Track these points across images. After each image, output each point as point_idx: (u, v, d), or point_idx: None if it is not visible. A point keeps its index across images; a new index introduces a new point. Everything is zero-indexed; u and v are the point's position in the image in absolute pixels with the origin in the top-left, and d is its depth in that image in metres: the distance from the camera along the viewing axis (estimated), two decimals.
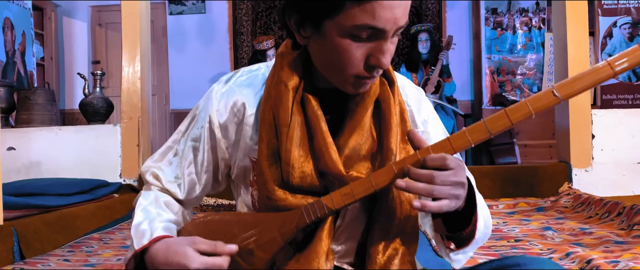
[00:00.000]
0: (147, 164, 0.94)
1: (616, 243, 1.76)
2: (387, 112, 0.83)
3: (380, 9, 0.70)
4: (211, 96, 0.88)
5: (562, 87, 0.69)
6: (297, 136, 0.80)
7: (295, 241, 0.79)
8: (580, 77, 0.69)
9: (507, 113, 0.71)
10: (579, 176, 2.80)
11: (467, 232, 0.77)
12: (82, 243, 2.06)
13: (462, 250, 0.81)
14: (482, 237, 0.83)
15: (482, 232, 0.80)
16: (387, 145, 0.81)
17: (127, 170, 2.96)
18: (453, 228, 0.80)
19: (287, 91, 0.80)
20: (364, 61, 0.75)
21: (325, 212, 0.76)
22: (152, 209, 0.86)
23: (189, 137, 0.90)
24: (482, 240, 0.85)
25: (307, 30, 0.76)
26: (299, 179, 0.79)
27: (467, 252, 0.83)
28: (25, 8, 4.50)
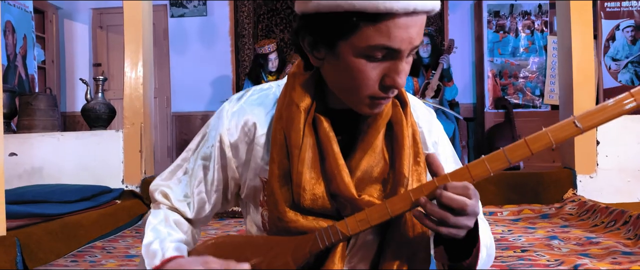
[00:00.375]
0: (156, 182, 0.93)
1: (624, 254, 1.75)
2: (399, 134, 0.81)
3: (395, 29, 0.69)
4: (222, 115, 0.87)
5: (584, 118, 0.68)
6: (308, 158, 0.78)
7: (307, 265, 0.78)
8: (602, 109, 0.68)
9: (527, 143, 0.70)
10: (583, 182, 2.78)
11: (467, 263, 0.76)
12: (85, 252, 2.05)
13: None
14: (484, 265, 0.82)
15: (484, 260, 0.80)
16: (400, 168, 0.79)
17: (130, 177, 2.94)
18: (454, 256, 0.78)
19: (299, 112, 0.79)
20: (379, 81, 0.73)
21: (339, 237, 0.75)
22: (162, 228, 0.84)
23: (199, 155, 0.89)
24: (485, 267, 0.84)
25: (321, 51, 0.75)
26: (310, 201, 0.78)
27: None
28: (27, 11, 4.49)
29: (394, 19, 0.68)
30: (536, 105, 5.01)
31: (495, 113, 4.98)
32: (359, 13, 0.68)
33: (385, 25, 0.68)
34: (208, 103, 5.52)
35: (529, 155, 0.69)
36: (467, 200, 0.68)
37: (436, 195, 0.69)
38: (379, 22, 0.68)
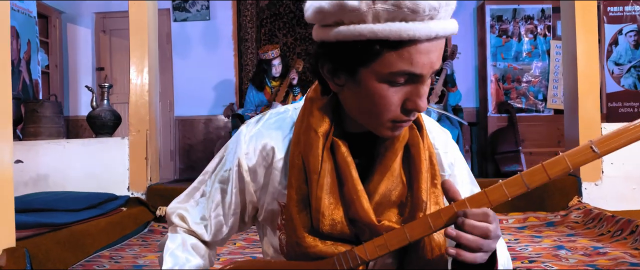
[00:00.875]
0: (173, 205, 0.93)
1: (632, 265, 1.75)
2: (417, 157, 0.82)
3: (417, 55, 0.69)
4: (240, 139, 0.87)
5: (601, 143, 0.69)
6: (327, 183, 0.79)
7: None
8: (620, 133, 0.69)
9: (545, 167, 0.70)
10: (588, 190, 2.79)
11: None
12: (93, 262, 2.05)
13: None
14: None
15: None
16: (417, 192, 0.80)
17: (135, 184, 2.95)
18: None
19: (317, 138, 0.80)
20: (400, 105, 0.74)
21: (358, 262, 0.75)
22: (180, 253, 0.85)
23: (216, 178, 0.89)
24: None
25: (341, 77, 0.75)
26: (329, 227, 0.78)
27: None
28: (31, 16, 4.50)
29: (416, 45, 0.69)
30: (539, 109, 5.01)
31: (498, 117, 4.98)
32: (382, 41, 0.68)
33: (407, 51, 0.69)
34: (211, 107, 5.52)
35: (547, 180, 0.70)
36: (490, 226, 0.69)
37: (458, 223, 0.70)
38: (401, 48, 0.69)
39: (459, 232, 0.70)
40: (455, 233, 0.70)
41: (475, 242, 0.69)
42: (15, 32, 4.20)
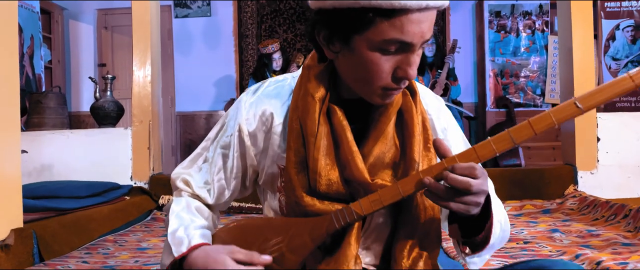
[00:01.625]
0: (177, 171, 0.98)
1: (624, 245, 1.80)
2: (409, 121, 0.86)
3: (408, 24, 0.73)
4: (240, 106, 0.92)
5: (585, 99, 0.73)
6: (323, 145, 0.83)
7: (324, 245, 0.83)
8: (601, 90, 0.73)
9: (531, 123, 0.74)
10: (584, 179, 2.83)
11: (480, 238, 0.81)
12: (98, 245, 2.10)
13: (477, 254, 0.84)
14: (499, 241, 0.86)
15: (497, 236, 0.83)
16: (410, 154, 0.84)
17: (138, 173, 2.99)
18: (468, 233, 0.83)
19: (314, 102, 0.84)
20: (391, 73, 0.78)
21: (354, 218, 0.79)
22: (185, 215, 0.89)
23: (218, 144, 0.94)
24: (499, 244, 0.88)
25: (336, 45, 0.79)
26: (325, 187, 0.83)
27: (482, 255, 0.86)
28: (34, 12, 4.54)
29: (407, 15, 0.73)
30: (537, 104, 5.06)
31: (496, 112, 5.03)
32: (375, 9, 0.72)
33: (399, 20, 0.73)
34: (212, 103, 5.57)
35: (532, 135, 0.74)
36: (472, 180, 0.73)
37: (443, 176, 0.74)
38: (393, 17, 0.73)
39: (432, 184, 0.74)
40: (428, 181, 0.74)
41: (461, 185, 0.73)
42: (19, 27, 4.25)
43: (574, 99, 0.73)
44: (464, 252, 0.84)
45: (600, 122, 2.85)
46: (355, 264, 0.80)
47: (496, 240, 0.82)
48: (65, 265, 1.76)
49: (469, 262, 0.85)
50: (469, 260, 0.85)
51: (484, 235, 0.79)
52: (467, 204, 0.74)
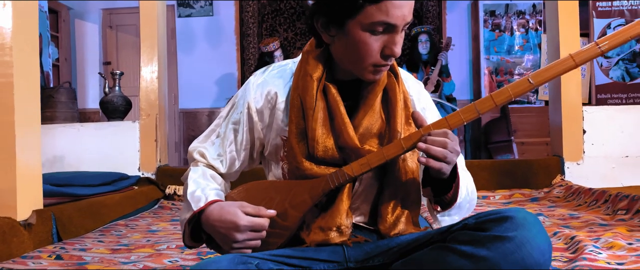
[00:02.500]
0: (194, 145, 1.12)
1: (600, 225, 1.94)
2: (393, 98, 1.00)
3: (392, 8, 0.88)
4: (248, 87, 1.06)
5: (535, 75, 0.87)
6: (320, 118, 0.97)
7: (321, 203, 0.97)
8: (548, 68, 0.87)
9: (492, 97, 0.89)
10: (571, 169, 2.97)
11: (449, 197, 0.95)
12: (111, 228, 2.24)
13: (446, 212, 0.98)
14: (466, 204, 1.00)
15: (463, 197, 0.97)
16: (394, 125, 0.99)
17: (145, 164, 3.14)
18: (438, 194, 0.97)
19: (312, 81, 0.98)
20: (380, 52, 0.92)
21: (346, 178, 0.94)
22: (201, 180, 1.03)
23: (229, 121, 1.08)
24: (466, 207, 1.01)
25: (332, 30, 0.94)
26: (322, 153, 0.97)
27: (451, 215, 0.99)
28: (43, 11, 4.69)
29: (391, 0, 0.87)
30: (531, 101, 5.20)
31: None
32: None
33: (384, 5, 0.87)
34: (214, 100, 5.71)
35: (494, 106, 0.88)
36: (448, 140, 0.87)
37: (424, 140, 0.88)
38: (379, 2, 0.87)
39: (426, 144, 0.88)
40: (424, 145, 0.88)
41: (438, 152, 0.87)
42: None
43: (528, 76, 0.87)
44: (436, 210, 0.98)
45: (586, 116, 2.99)
46: (346, 217, 0.94)
47: (463, 201, 0.96)
48: (83, 244, 1.90)
49: (440, 220, 0.99)
50: (440, 218, 0.99)
51: (452, 194, 0.93)
52: (447, 161, 0.88)
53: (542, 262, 0.75)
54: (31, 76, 1.92)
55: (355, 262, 0.94)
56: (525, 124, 5.12)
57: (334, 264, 0.93)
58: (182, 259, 1.61)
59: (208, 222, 0.95)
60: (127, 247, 1.83)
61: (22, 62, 1.85)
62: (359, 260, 0.94)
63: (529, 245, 0.74)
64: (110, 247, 1.85)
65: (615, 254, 1.46)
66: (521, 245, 0.74)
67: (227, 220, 0.92)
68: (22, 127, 1.84)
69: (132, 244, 1.88)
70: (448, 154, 0.87)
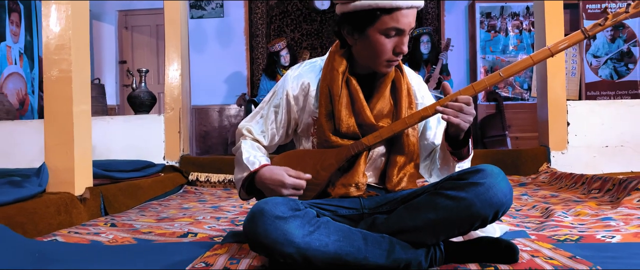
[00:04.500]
0: (242, 123, 1.43)
1: (575, 201, 2.24)
2: (399, 87, 1.31)
3: (401, 17, 1.18)
4: (287, 79, 1.37)
5: (505, 70, 1.18)
6: (344, 102, 1.28)
7: (343, 167, 1.28)
8: (518, 63, 1.18)
9: (473, 86, 1.19)
10: (556, 158, 3.28)
11: (465, 151, 1.25)
12: (147, 206, 2.55)
13: (463, 161, 1.28)
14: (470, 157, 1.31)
15: (472, 154, 1.28)
16: (399, 108, 1.29)
17: (170, 154, 3.44)
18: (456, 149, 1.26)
19: (338, 74, 1.29)
20: (392, 50, 1.22)
21: (363, 147, 1.25)
22: (251, 150, 1.34)
23: (271, 104, 1.39)
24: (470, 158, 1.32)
25: (355, 35, 1.24)
26: (345, 129, 1.27)
27: (466, 162, 1.29)
28: None
29: (400, 11, 1.17)
30: (524, 98, 5.50)
31: (487, 105, 5.47)
32: (381, 9, 1.17)
33: (395, 15, 1.17)
34: (224, 97, 6.01)
35: (473, 93, 1.18)
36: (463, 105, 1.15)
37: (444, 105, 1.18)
38: (392, 13, 1.17)
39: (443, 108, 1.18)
40: (441, 108, 1.18)
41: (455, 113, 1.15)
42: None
43: (499, 71, 1.18)
44: (455, 161, 1.28)
45: (570, 109, 3.29)
46: (363, 177, 1.25)
47: (472, 156, 1.27)
48: (128, 217, 2.21)
49: (459, 166, 1.28)
50: (459, 165, 1.28)
51: (466, 149, 1.24)
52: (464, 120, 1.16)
53: (505, 201, 1.06)
54: (84, 72, 2.22)
55: (368, 209, 1.25)
56: (519, 120, 5.42)
57: (353, 210, 1.24)
58: (218, 225, 1.91)
59: (260, 180, 1.25)
60: (169, 218, 2.13)
61: (77, 60, 2.16)
62: (371, 208, 1.25)
63: (495, 188, 1.05)
64: (153, 218, 2.16)
65: (580, 218, 1.77)
66: (489, 188, 1.04)
67: (276, 179, 1.23)
68: (77, 115, 2.15)
69: (171, 217, 2.19)
70: (462, 115, 1.16)
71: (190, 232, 1.74)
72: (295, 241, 1.00)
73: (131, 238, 1.68)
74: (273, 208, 1.02)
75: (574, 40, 1.18)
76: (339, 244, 1.04)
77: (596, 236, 1.44)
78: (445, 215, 1.06)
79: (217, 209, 2.41)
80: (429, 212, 1.08)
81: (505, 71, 1.20)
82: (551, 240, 1.40)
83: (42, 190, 2.02)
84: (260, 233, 1.00)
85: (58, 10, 2.10)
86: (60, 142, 2.10)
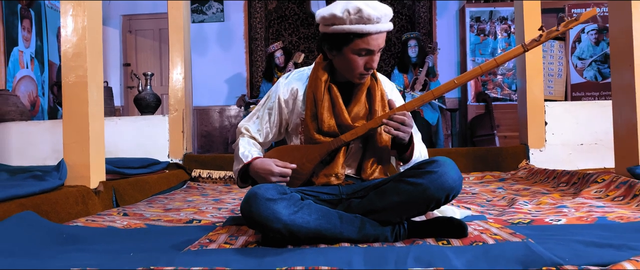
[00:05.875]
0: (241, 123, 1.66)
1: (542, 193, 2.47)
2: (373, 94, 1.55)
3: (371, 41, 1.41)
4: (279, 85, 1.60)
5: (459, 78, 1.41)
6: (326, 106, 1.51)
7: (325, 160, 1.51)
8: (471, 72, 1.41)
9: (433, 92, 1.42)
10: (535, 155, 3.51)
11: (407, 155, 1.49)
12: (154, 199, 2.78)
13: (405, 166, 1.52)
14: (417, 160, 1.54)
15: (416, 157, 1.51)
16: (373, 111, 1.53)
17: (174, 152, 3.68)
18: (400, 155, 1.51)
19: (321, 82, 1.52)
20: (363, 66, 1.46)
21: (342, 143, 1.48)
22: (247, 145, 1.58)
23: (266, 107, 1.62)
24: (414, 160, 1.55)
25: (334, 52, 1.48)
26: (327, 128, 1.51)
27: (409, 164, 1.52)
28: None
29: (370, 36, 1.41)
30: (512, 98, 5.73)
31: (476, 106, 5.70)
32: (355, 33, 1.40)
33: (367, 38, 1.41)
34: (225, 98, 6.25)
35: (433, 98, 1.42)
36: (405, 119, 1.41)
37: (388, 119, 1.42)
38: (363, 37, 1.41)
39: (388, 122, 1.42)
40: (386, 121, 1.42)
41: (396, 126, 1.41)
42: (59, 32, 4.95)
43: (454, 79, 1.41)
44: (399, 165, 1.52)
45: (547, 110, 3.53)
46: (342, 168, 1.48)
47: (415, 159, 1.51)
48: (138, 208, 2.45)
49: (403, 167, 1.52)
50: (403, 167, 1.52)
51: (408, 153, 1.48)
52: (404, 131, 1.42)
53: (454, 186, 1.29)
54: (98, 77, 2.46)
55: (346, 194, 1.48)
56: (507, 119, 5.65)
57: (333, 196, 1.47)
58: (219, 214, 2.15)
59: (253, 170, 1.49)
60: (175, 208, 2.37)
61: (92, 66, 2.39)
62: (348, 194, 1.48)
63: (446, 176, 1.28)
64: (161, 209, 2.40)
65: (539, 207, 2.00)
66: (441, 176, 1.27)
67: (265, 168, 1.47)
68: (92, 116, 2.38)
69: (177, 208, 2.42)
70: (402, 127, 1.41)
71: (194, 219, 1.97)
72: (282, 219, 1.23)
73: (143, 224, 1.92)
74: (265, 192, 1.26)
75: (515, 53, 1.41)
76: (319, 221, 1.28)
77: (545, 220, 1.67)
78: (406, 198, 1.29)
79: (218, 201, 2.64)
80: (393, 196, 1.31)
81: (459, 79, 1.43)
82: (505, 223, 1.63)
83: (61, 184, 2.26)
84: (254, 212, 1.24)
85: (75, 22, 2.34)
86: (77, 141, 2.34)
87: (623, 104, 2.40)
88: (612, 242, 1.28)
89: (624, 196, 2.04)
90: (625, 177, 2.16)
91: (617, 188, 2.13)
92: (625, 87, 2.38)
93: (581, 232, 1.44)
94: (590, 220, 1.63)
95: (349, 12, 1.38)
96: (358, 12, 1.37)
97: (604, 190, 2.19)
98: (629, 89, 2.33)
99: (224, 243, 1.40)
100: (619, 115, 2.44)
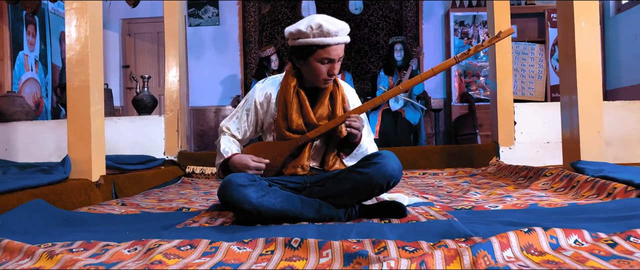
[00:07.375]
0: (223, 122, 1.92)
1: (500, 186, 2.74)
2: (335, 97, 1.81)
3: (332, 51, 1.68)
4: (255, 90, 1.86)
5: (404, 84, 1.68)
6: (295, 108, 1.78)
7: (294, 154, 1.78)
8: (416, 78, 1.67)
9: (382, 96, 1.69)
10: (505, 152, 3.77)
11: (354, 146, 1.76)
12: (150, 192, 3.04)
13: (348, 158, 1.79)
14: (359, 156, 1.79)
15: (361, 152, 1.78)
16: (335, 112, 1.79)
17: (169, 150, 3.94)
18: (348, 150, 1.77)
19: (290, 88, 1.79)
20: (326, 72, 1.72)
21: (307, 139, 1.74)
22: (228, 143, 1.84)
23: (244, 109, 1.88)
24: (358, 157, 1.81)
25: (301, 61, 1.74)
26: (295, 126, 1.77)
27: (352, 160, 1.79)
28: None
29: (331, 47, 1.67)
30: None
31: (460, 106, 5.97)
32: (317, 45, 1.67)
33: (328, 49, 1.67)
34: (220, 99, 6.51)
35: (382, 101, 1.68)
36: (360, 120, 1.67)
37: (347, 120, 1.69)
38: (325, 48, 1.67)
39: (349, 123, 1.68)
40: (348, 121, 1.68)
41: (351, 126, 1.67)
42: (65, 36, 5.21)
43: (399, 85, 1.68)
44: (343, 158, 1.78)
45: (516, 110, 3.79)
46: (307, 161, 1.75)
47: (358, 154, 1.77)
48: (135, 199, 2.71)
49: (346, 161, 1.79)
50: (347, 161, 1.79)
51: (354, 150, 1.75)
52: (357, 130, 1.68)
53: (394, 174, 1.55)
54: (98, 81, 2.72)
55: (309, 183, 1.75)
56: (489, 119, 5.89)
57: (298, 184, 1.74)
58: (207, 203, 2.41)
59: (232, 164, 1.76)
60: (168, 199, 2.63)
61: (93, 72, 2.66)
62: (312, 182, 1.74)
63: (387, 166, 1.54)
64: (155, 200, 2.66)
65: (488, 197, 2.27)
66: (384, 166, 1.54)
67: (243, 163, 1.73)
68: (94, 117, 2.64)
69: (170, 199, 2.68)
70: (360, 127, 1.67)
71: (184, 207, 2.24)
72: (251, 201, 1.50)
73: (138, 211, 2.18)
74: (237, 179, 1.52)
75: (449, 64, 1.67)
76: (283, 204, 1.54)
77: (485, 206, 1.93)
78: (356, 184, 1.56)
79: (208, 193, 2.90)
80: (346, 183, 1.58)
81: (404, 85, 1.70)
82: (449, 208, 1.90)
83: (66, 177, 2.52)
84: (228, 195, 1.50)
85: (78, 32, 2.60)
86: (80, 138, 2.60)
87: (569, 104, 2.66)
88: (529, 222, 1.54)
89: (565, 187, 2.30)
90: (568, 171, 2.43)
91: (560, 181, 2.40)
92: (568, 89, 2.63)
93: (509, 215, 1.70)
94: (523, 207, 1.89)
95: (312, 27, 1.64)
96: (319, 27, 1.64)
97: (550, 182, 2.45)
98: (572, 90, 2.59)
99: (205, 223, 1.66)
100: (565, 115, 2.70)
